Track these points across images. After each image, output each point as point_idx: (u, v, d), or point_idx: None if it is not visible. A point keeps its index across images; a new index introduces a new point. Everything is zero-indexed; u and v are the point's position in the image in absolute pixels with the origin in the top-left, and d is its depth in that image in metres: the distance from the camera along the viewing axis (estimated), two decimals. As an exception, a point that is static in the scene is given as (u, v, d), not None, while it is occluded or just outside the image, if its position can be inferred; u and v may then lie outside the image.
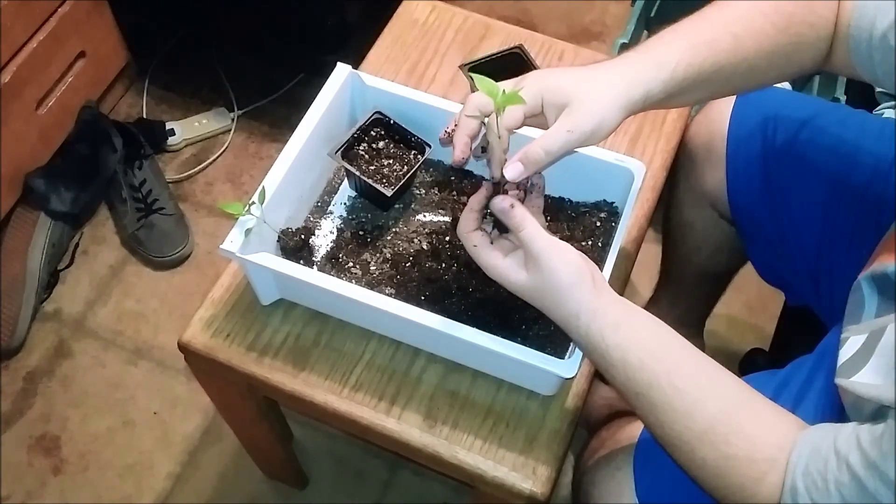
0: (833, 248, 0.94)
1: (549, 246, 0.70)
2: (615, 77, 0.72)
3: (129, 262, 1.60)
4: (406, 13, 1.17)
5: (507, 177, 0.71)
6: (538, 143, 0.70)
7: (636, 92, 0.72)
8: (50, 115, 1.52)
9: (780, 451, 0.64)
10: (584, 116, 0.70)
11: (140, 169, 1.59)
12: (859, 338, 0.67)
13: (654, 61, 0.73)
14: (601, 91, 0.71)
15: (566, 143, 0.70)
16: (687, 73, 0.73)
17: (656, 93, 0.72)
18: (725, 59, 0.74)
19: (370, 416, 0.86)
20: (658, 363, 0.68)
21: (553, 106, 0.72)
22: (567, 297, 0.70)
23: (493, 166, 0.73)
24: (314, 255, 0.92)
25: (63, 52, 1.51)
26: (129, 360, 1.49)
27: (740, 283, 1.29)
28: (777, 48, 0.76)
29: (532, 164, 0.71)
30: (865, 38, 0.74)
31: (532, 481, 0.82)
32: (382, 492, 1.37)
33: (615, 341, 0.69)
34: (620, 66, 0.73)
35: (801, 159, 0.95)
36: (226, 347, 0.90)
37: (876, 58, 0.74)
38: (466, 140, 0.75)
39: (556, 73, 0.74)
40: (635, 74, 0.72)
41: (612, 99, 0.71)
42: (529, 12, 1.95)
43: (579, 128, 0.70)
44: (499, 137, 0.71)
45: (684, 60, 0.72)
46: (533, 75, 0.74)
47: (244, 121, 1.76)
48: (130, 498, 1.37)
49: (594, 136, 0.71)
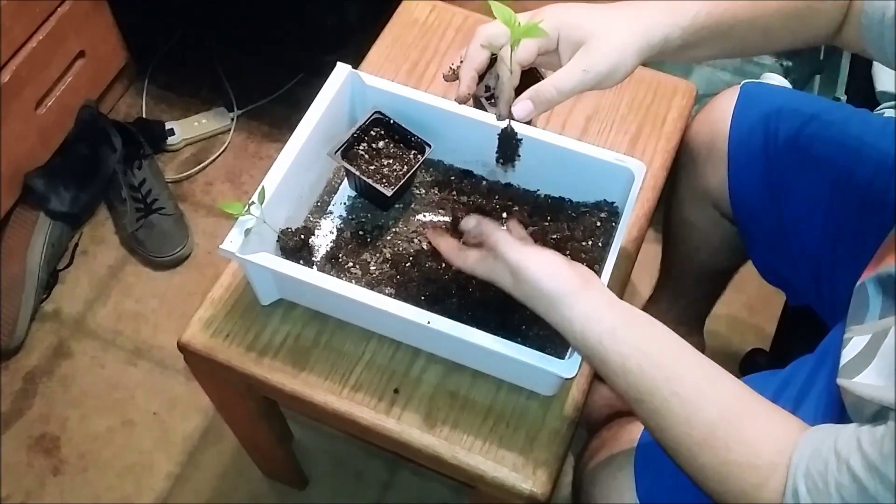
0: (835, 248, 0.94)
1: (525, 256, 0.70)
2: (635, 19, 0.71)
3: (129, 262, 1.59)
4: (406, 13, 1.17)
5: (515, 115, 0.70)
6: (550, 82, 0.69)
7: (654, 36, 0.71)
8: (49, 114, 1.52)
9: (782, 456, 0.63)
10: (600, 57, 0.69)
11: (139, 169, 1.59)
12: (862, 338, 0.67)
13: (674, 6, 0.72)
14: (620, 32, 0.69)
15: (580, 82, 0.69)
16: (706, 22, 0.72)
17: (674, 39, 0.71)
18: (744, 14, 0.74)
19: (370, 416, 0.86)
20: (657, 369, 0.67)
21: (569, 43, 0.70)
22: (556, 305, 0.70)
23: (500, 104, 0.71)
24: (314, 255, 0.92)
25: (62, 52, 1.51)
26: (128, 361, 1.49)
27: (741, 283, 1.29)
28: (795, 12, 0.75)
29: (542, 103, 0.69)
30: (878, 17, 0.73)
31: (532, 482, 0.82)
32: (382, 492, 1.37)
33: (613, 347, 0.68)
34: (641, 9, 0.72)
35: (803, 158, 0.95)
36: (225, 347, 0.89)
37: (886, 37, 0.74)
38: (473, 74, 0.73)
39: (575, 8, 0.72)
40: (655, 18, 0.71)
41: (630, 41, 0.70)
42: (529, 10, 1.94)
43: (594, 68, 0.69)
44: (510, 72, 0.68)
45: (704, 9, 0.72)
46: (551, 9, 0.72)
47: (244, 121, 1.76)
48: (130, 498, 1.37)
49: (609, 78, 0.69)
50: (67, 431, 1.42)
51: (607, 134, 1.06)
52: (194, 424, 1.43)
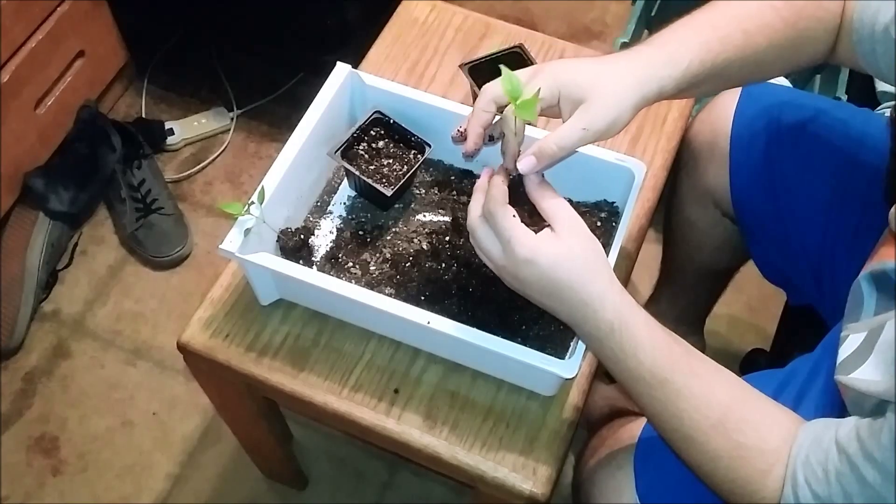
0: (836, 246, 0.94)
1: (577, 217, 0.71)
2: (630, 74, 0.72)
3: (128, 262, 1.59)
4: (406, 12, 1.17)
5: (520, 170, 0.72)
6: (552, 139, 0.71)
7: (649, 89, 0.72)
8: (49, 114, 1.52)
9: (785, 443, 0.65)
10: (599, 114, 0.71)
11: (139, 169, 1.59)
12: (859, 335, 0.68)
13: (667, 58, 0.73)
14: (616, 89, 0.71)
15: (580, 139, 0.71)
16: (699, 70, 0.73)
17: (668, 89, 0.73)
18: (736, 54, 0.75)
19: (370, 416, 0.86)
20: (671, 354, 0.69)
21: (569, 100, 0.72)
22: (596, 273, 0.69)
23: (506, 159, 0.74)
24: (314, 255, 0.92)
25: (62, 52, 1.51)
26: (127, 361, 1.49)
27: (741, 282, 1.29)
28: (786, 42, 0.76)
29: (545, 159, 0.71)
30: (868, 31, 0.75)
31: (532, 482, 0.82)
32: (382, 492, 1.37)
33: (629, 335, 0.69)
34: (635, 63, 0.73)
35: (805, 157, 0.95)
36: (225, 347, 0.89)
37: (878, 51, 0.75)
38: (480, 132, 0.76)
39: (573, 66, 0.74)
40: (649, 72, 0.73)
41: (626, 97, 0.72)
42: (530, 11, 1.95)
43: (594, 126, 0.71)
44: (514, 134, 0.72)
45: (697, 58, 0.73)
46: (549, 67, 0.74)
47: (243, 120, 1.76)
48: (129, 498, 1.36)
49: (607, 133, 0.72)
50: (67, 432, 1.42)
51: (607, 134, 1.06)
52: (194, 425, 1.43)
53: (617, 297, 0.69)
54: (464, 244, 0.92)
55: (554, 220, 0.71)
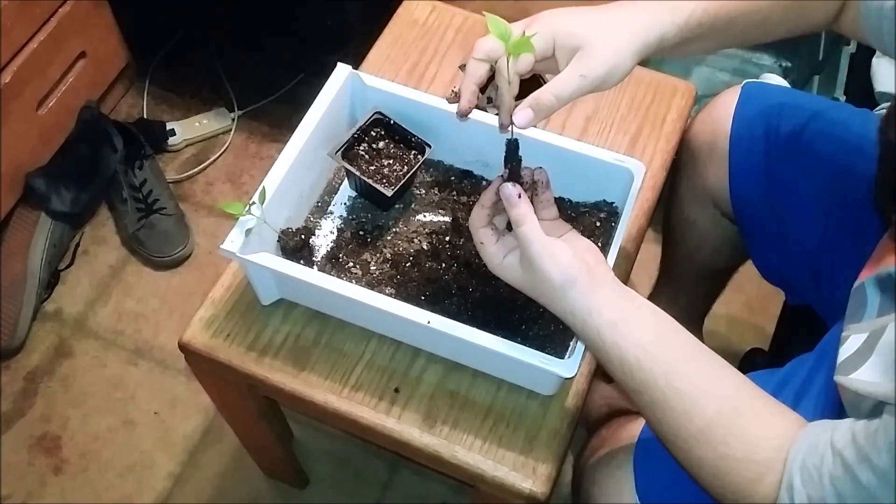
0: (835, 246, 0.94)
1: (541, 250, 0.69)
2: (630, 20, 0.70)
3: (130, 262, 1.60)
4: (406, 13, 1.17)
5: (516, 123, 0.70)
6: (549, 88, 0.69)
7: (651, 36, 0.70)
8: (50, 115, 1.52)
9: (780, 453, 0.64)
10: (597, 61, 0.69)
11: (140, 169, 1.60)
12: (860, 336, 0.67)
13: (669, 5, 0.71)
14: (615, 35, 0.69)
15: (578, 88, 0.69)
16: (702, 19, 0.72)
17: (671, 37, 0.71)
18: (741, 9, 0.73)
19: (370, 416, 0.86)
20: (656, 363, 0.68)
21: (565, 49, 0.70)
22: (560, 296, 0.70)
23: (502, 113, 0.72)
24: (314, 255, 0.92)
25: (63, 53, 1.52)
26: (129, 360, 1.49)
27: (740, 282, 1.29)
28: (793, 2, 0.75)
29: (542, 110, 0.69)
30: (876, 7, 0.74)
31: (532, 481, 0.82)
32: (382, 492, 1.37)
33: (612, 339, 0.69)
34: (635, 10, 0.72)
35: (804, 157, 0.95)
36: (226, 347, 0.90)
37: (884, 27, 0.74)
38: (474, 88, 0.73)
39: (568, 15, 0.72)
40: (651, 18, 0.71)
41: (626, 43, 0.70)
42: (529, 12, 1.92)
43: (592, 73, 0.69)
44: (509, 83, 0.69)
45: (700, 7, 0.71)
46: (544, 17, 0.72)
47: (244, 121, 1.76)
48: (131, 498, 1.37)
49: (607, 81, 0.70)
50: (68, 431, 1.42)
51: (607, 134, 1.06)
52: (195, 424, 1.43)
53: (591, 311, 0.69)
54: (464, 244, 0.92)
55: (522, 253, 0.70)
